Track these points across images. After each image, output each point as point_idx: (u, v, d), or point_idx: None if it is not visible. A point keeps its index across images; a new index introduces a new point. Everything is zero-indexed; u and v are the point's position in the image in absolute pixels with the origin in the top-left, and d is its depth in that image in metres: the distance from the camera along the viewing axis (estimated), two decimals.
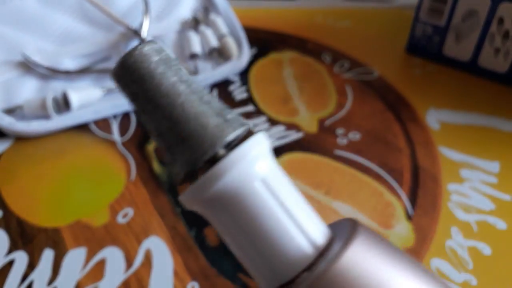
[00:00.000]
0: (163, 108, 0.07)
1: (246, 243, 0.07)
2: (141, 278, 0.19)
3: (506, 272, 0.19)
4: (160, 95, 0.06)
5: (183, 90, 0.07)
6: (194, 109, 0.06)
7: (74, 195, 0.22)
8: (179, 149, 0.07)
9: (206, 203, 0.07)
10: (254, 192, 0.07)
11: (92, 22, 0.30)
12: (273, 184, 0.07)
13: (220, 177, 0.07)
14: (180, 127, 0.07)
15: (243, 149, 0.07)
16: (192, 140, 0.07)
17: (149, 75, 0.06)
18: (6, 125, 0.25)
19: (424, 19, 0.31)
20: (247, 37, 0.32)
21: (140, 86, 0.06)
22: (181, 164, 0.07)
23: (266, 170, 0.07)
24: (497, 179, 0.23)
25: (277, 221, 0.07)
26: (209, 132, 0.07)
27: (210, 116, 0.07)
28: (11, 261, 0.19)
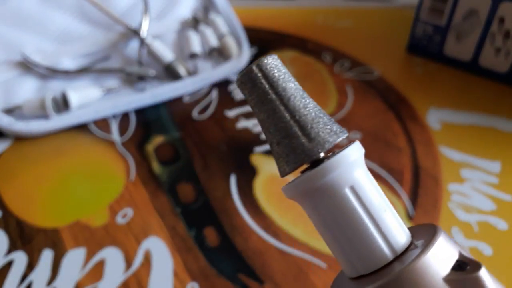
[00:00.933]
0: (290, 113, 0.08)
1: (334, 235, 0.09)
2: (140, 278, 0.19)
3: (507, 272, 0.19)
4: (294, 100, 0.08)
5: (304, 100, 0.08)
6: (310, 117, 0.08)
7: (74, 195, 0.22)
8: (302, 142, 0.08)
9: (306, 195, 0.09)
10: (345, 198, 0.08)
11: (91, 22, 0.30)
12: (360, 192, 0.09)
13: (321, 177, 0.08)
14: (298, 130, 0.08)
15: (342, 155, 0.08)
16: (317, 137, 0.08)
17: (286, 83, 0.08)
18: (5, 125, 0.25)
19: (425, 19, 0.31)
20: (247, 36, 0.32)
21: (277, 91, 0.08)
22: (293, 160, 0.08)
23: (357, 178, 0.09)
24: (498, 179, 0.23)
25: (362, 225, 0.08)
26: (321, 137, 0.08)
27: (322, 124, 0.08)
28: (10, 261, 0.19)
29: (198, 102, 0.29)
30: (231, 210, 0.22)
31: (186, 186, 0.23)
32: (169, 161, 0.24)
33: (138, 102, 0.27)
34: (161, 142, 0.26)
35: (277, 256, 0.20)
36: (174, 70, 0.29)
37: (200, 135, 0.26)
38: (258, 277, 0.19)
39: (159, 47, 0.29)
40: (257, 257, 0.19)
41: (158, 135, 0.26)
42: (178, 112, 0.28)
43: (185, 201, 0.22)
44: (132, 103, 0.27)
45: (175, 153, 0.25)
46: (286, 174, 0.09)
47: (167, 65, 0.29)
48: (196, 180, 0.23)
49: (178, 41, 0.31)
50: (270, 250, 0.20)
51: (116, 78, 0.29)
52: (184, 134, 0.26)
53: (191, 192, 0.23)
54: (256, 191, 0.23)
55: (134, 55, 0.30)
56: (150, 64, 0.29)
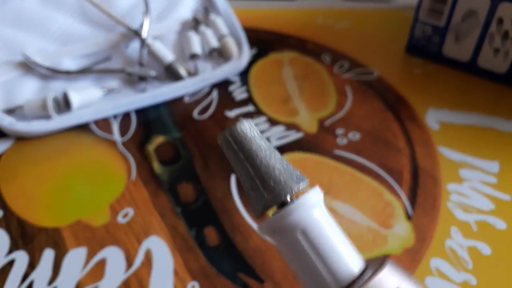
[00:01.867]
0: (254, 170, 0.11)
1: (293, 267, 0.11)
2: (141, 277, 0.19)
3: (505, 272, 0.19)
4: (257, 159, 0.11)
5: (270, 157, 0.11)
6: (270, 173, 0.10)
7: (75, 195, 0.22)
8: (263, 194, 0.10)
9: (269, 235, 0.11)
10: (296, 240, 0.10)
11: (92, 23, 0.30)
12: (311, 234, 0.10)
13: (291, 214, 0.10)
14: (266, 180, 0.10)
15: (295, 205, 0.10)
16: (274, 190, 0.10)
17: (251, 146, 0.11)
18: (6, 125, 0.25)
19: (424, 20, 0.31)
20: (247, 37, 0.32)
21: (244, 152, 0.11)
22: (262, 204, 0.11)
23: (308, 222, 0.10)
24: (497, 179, 0.23)
25: (311, 263, 0.10)
26: (277, 191, 0.10)
27: (281, 177, 0.10)
28: (11, 261, 0.19)
29: (198, 102, 0.29)
30: (232, 210, 0.22)
31: (186, 186, 0.23)
32: (170, 161, 0.24)
33: (139, 103, 0.28)
34: (162, 142, 0.26)
35: (277, 256, 0.20)
36: (174, 70, 0.29)
37: (200, 135, 0.26)
38: (258, 276, 0.19)
39: (159, 47, 0.29)
40: (257, 257, 0.20)
41: (158, 135, 0.26)
42: (178, 112, 0.28)
43: (185, 201, 0.22)
44: (133, 104, 0.27)
45: (175, 153, 0.25)
46: (256, 217, 0.11)
47: (168, 65, 0.29)
48: (197, 180, 0.23)
49: (179, 41, 0.31)
50: (270, 249, 0.20)
51: (117, 78, 0.29)
52: (184, 134, 0.26)
53: (192, 192, 0.23)
54: None
55: (135, 56, 0.30)
56: (151, 65, 0.29)
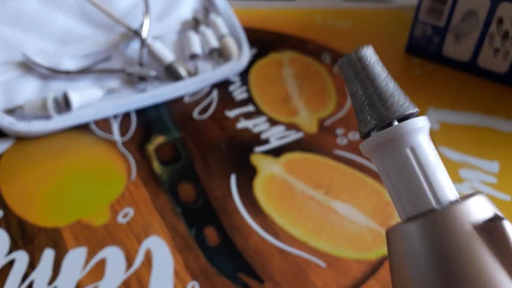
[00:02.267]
0: (374, 88, 0.12)
1: (394, 182, 0.11)
2: (141, 277, 0.19)
3: None
4: (379, 78, 0.12)
5: (387, 80, 0.12)
6: (389, 92, 0.11)
7: (75, 195, 0.22)
8: (379, 109, 0.11)
9: (375, 150, 0.11)
10: (405, 155, 0.11)
11: (92, 23, 0.30)
12: (419, 152, 0.11)
13: (388, 136, 0.11)
14: (384, 97, 0.11)
15: (407, 123, 0.11)
16: (391, 106, 0.11)
17: (374, 67, 0.12)
18: (6, 125, 0.25)
19: (424, 20, 0.31)
20: (247, 37, 0.32)
21: (367, 71, 0.12)
22: (377, 119, 0.11)
23: (418, 141, 0.11)
24: (497, 179, 0.23)
25: (416, 177, 0.11)
26: (393, 108, 0.11)
27: (397, 99, 0.11)
28: (11, 261, 0.19)
29: (198, 102, 0.29)
30: (231, 210, 0.22)
31: (186, 186, 0.23)
32: (170, 161, 0.24)
33: (139, 103, 0.28)
34: (162, 142, 0.26)
35: (277, 255, 0.20)
36: (174, 70, 0.29)
37: (200, 135, 0.26)
38: (258, 276, 0.19)
39: (159, 47, 0.29)
40: (257, 256, 0.20)
41: (158, 135, 0.26)
42: (178, 112, 0.28)
43: (185, 201, 0.22)
44: (133, 104, 0.27)
45: (175, 153, 0.25)
46: (364, 133, 0.12)
47: (168, 65, 0.29)
48: (197, 180, 0.23)
49: (179, 42, 0.31)
50: (270, 249, 0.20)
51: (117, 78, 0.29)
52: (184, 134, 0.26)
53: (192, 192, 0.23)
54: (256, 190, 0.23)
55: (135, 56, 0.30)
56: (151, 65, 0.29)
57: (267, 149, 0.25)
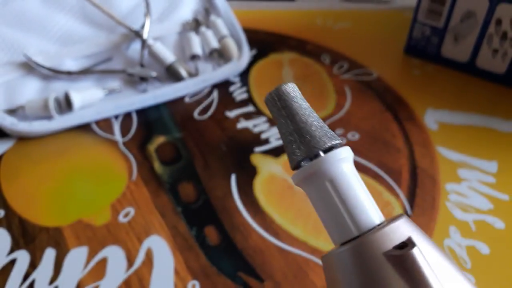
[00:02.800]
0: (294, 126, 0.12)
1: (320, 211, 0.12)
2: (142, 277, 0.19)
3: (504, 271, 0.19)
4: (297, 116, 0.12)
5: (309, 115, 0.12)
6: (308, 128, 0.12)
7: (76, 195, 0.23)
8: (300, 146, 0.12)
9: (301, 182, 0.12)
10: (325, 188, 0.12)
11: (93, 24, 0.30)
12: (339, 184, 0.12)
13: (322, 165, 0.11)
14: (303, 134, 0.12)
15: (331, 156, 0.11)
16: (309, 143, 0.12)
17: (292, 104, 0.12)
18: (8, 125, 0.25)
19: (423, 20, 0.31)
20: (247, 38, 0.32)
21: (286, 109, 0.12)
22: (298, 156, 0.12)
23: (348, 168, 0.12)
24: (495, 179, 0.24)
25: (335, 208, 0.12)
26: (312, 144, 0.12)
27: (317, 133, 0.12)
28: (13, 260, 0.20)
29: (199, 103, 0.29)
30: (232, 209, 0.22)
31: (187, 186, 0.23)
32: (171, 161, 0.25)
33: (140, 103, 0.28)
34: (163, 142, 0.26)
35: (277, 255, 0.20)
36: (175, 71, 0.29)
37: (201, 135, 0.26)
38: (258, 275, 0.19)
39: (160, 48, 0.29)
40: (257, 256, 0.20)
41: (159, 135, 0.26)
42: (179, 112, 0.28)
43: (186, 201, 0.22)
44: (134, 104, 0.28)
45: (176, 153, 0.25)
46: (292, 168, 0.12)
47: (169, 66, 0.29)
48: (197, 179, 0.23)
49: (179, 42, 0.32)
50: (270, 248, 0.20)
51: (118, 79, 0.29)
52: (185, 134, 0.26)
53: (192, 192, 0.23)
54: (256, 190, 0.23)
55: (136, 57, 0.30)
56: (152, 66, 0.30)
57: (267, 149, 0.25)
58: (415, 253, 0.10)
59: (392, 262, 0.10)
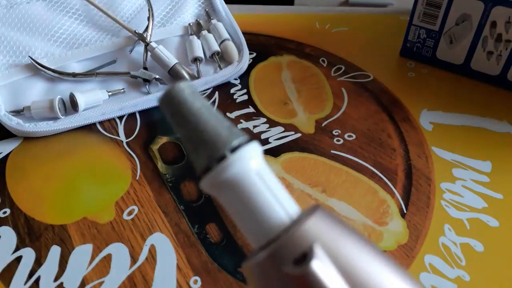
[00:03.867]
0: (192, 131, 0.11)
1: (243, 214, 0.11)
2: (145, 273, 0.19)
3: (498, 268, 0.20)
4: (189, 124, 0.11)
5: (206, 116, 0.11)
6: (209, 130, 0.10)
7: (81, 193, 0.23)
8: (202, 151, 0.10)
9: (217, 186, 0.11)
10: (250, 180, 0.10)
11: (98, 27, 0.31)
12: (263, 175, 0.11)
13: (226, 169, 0.10)
14: (200, 142, 0.10)
15: (242, 152, 0.10)
16: (212, 145, 0.10)
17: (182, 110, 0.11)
18: (14, 125, 0.26)
19: (418, 24, 0.32)
20: (247, 41, 0.33)
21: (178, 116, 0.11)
22: (203, 161, 0.11)
23: (259, 165, 0.11)
24: (489, 178, 0.24)
25: (265, 199, 0.10)
26: (222, 140, 0.10)
27: (223, 129, 0.10)
28: (18, 257, 0.20)
29: None
30: None
31: (189, 185, 0.24)
32: (173, 160, 0.25)
33: (143, 104, 0.28)
34: (166, 142, 0.26)
35: None
36: (177, 73, 0.30)
37: None
38: None
39: (163, 51, 0.30)
40: None
41: (162, 136, 0.27)
42: None
43: (188, 199, 0.23)
44: (137, 105, 0.28)
45: (179, 153, 0.26)
46: (198, 176, 0.11)
47: (171, 68, 0.30)
48: (199, 178, 0.24)
49: (182, 46, 0.32)
50: None
51: (122, 81, 0.30)
52: None
53: (194, 190, 0.23)
54: None
55: (139, 59, 0.31)
56: (155, 68, 0.30)
57: (267, 149, 0.26)
58: (315, 267, 0.09)
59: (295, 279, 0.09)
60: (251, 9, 0.39)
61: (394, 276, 0.09)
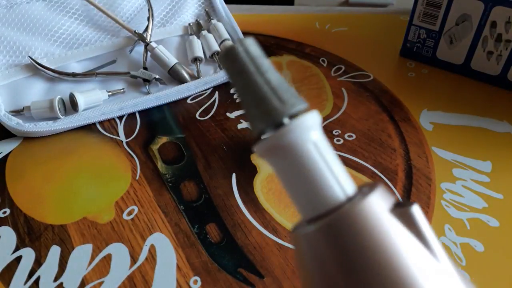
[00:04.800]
0: (266, 82, 0.10)
1: (297, 184, 0.11)
2: (145, 273, 0.19)
3: (498, 269, 0.20)
4: (268, 72, 0.10)
5: (276, 74, 0.10)
6: (282, 86, 0.10)
7: (81, 193, 0.23)
8: (263, 112, 0.10)
9: (273, 152, 0.10)
10: (308, 150, 0.10)
11: (98, 27, 0.31)
12: (321, 147, 0.10)
13: (285, 136, 0.10)
14: (278, 92, 0.10)
15: (306, 119, 0.10)
16: (288, 101, 0.10)
17: (263, 60, 0.10)
18: (14, 125, 0.26)
19: (418, 24, 0.32)
20: None
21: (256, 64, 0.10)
22: (261, 123, 0.10)
23: (318, 136, 0.11)
24: (490, 178, 0.24)
25: (321, 172, 0.10)
26: (289, 102, 0.10)
27: (290, 93, 0.10)
28: (18, 257, 0.20)
29: (201, 104, 0.30)
30: (233, 207, 0.22)
31: (189, 185, 0.24)
32: (173, 160, 0.25)
33: (143, 104, 0.28)
34: (165, 142, 0.26)
35: (276, 251, 0.20)
36: (177, 73, 0.30)
37: (203, 135, 0.27)
38: (258, 272, 0.19)
39: (163, 51, 0.30)
40: (258, 252, 0.20)
41: (162, 136, 0.27)
42: (181, 113, 0.29)
43: (188, 199, 0.23)
44: (137, 105, 0.28)
45: (178, 153, 0.26)
46: (257, 133, 0.11)
47: (171, 69, 0.30)
48: (199, 178, 0.24)
49: (182, 45, 0.32)
50: (270, 245, 0.21)
51: (122, 81, 0.30)
52: (187, 134, 0.27)
53: (194, 190, 0.23)
54: (256, 189, 0.23)
55: (139, 59, 0.31)
56: (155, 68, 0.30)
57: None
58: (415, 209, 0.10)
59: (401, 219, 0.10)
60: (251, 9, 0.39)
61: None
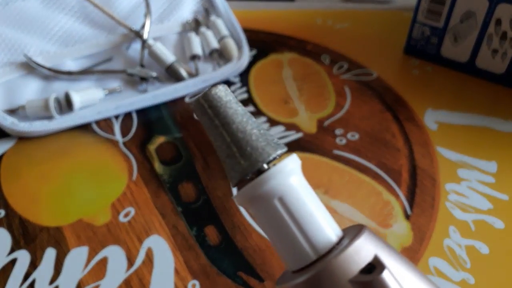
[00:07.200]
0: (230, 137, 0.10)
1: (270, 237, 0.11)
2: (142, 276, 0.19)
3: (503, 271, 0.19)
4: (233, 125, 0.10)
5: (247, 123, 0.10)
6: (247, 139, 0.10)
7: (76, 195, 0.23)
8: (239, 161, 0.10)
9: (247, 203, 0.10)
10: (274, 207, 0.10)
11: (94, 24, 0.30)
12: (288, 202, 0.10)
13: (254, 190, 0.10)
14: (243, 146, 0.10)
15: (272, 171, 0.10)
16: (251, 156, 0.10)
17: (227, 111, 0.10)
18: (8, 125, 0.25)
19: (422, 21, 0.32)
20: (247, 38, 0.32)
21: (220, 118, 0.10)
22: (239, 172, 0.10)
23: (286, 189, 0.10)
24: (495, 179, 0.24)
25: (288, 229, 0.10)
26: (254, 157, 0.10)
27: (258, 143, 0.10)
28: (13, 260, 0.20)
29: None
30: (232, 209, 0.22)
31: (187, 186, 0.23)
32: (171, 161, 0.25)
33: (140, 103, 0.28)
34: (163, 142, 0.26)
35: (276, 254, 0.20)
36: (175, 71, 0.29)
37: (201, 135, 0.26)
38: (258, 275, 0.19)
39: (160, 49, 0.29)
40: (258, 255, 0.20)
41: (159, 135, 0.26)
42: (179, 112, 0.28)
43: (186, 200, 0.22)
44: (134, 104, 0.28)
45: (176, 153, 0.25)
46: (233, 185, 0.11)
47: (169, 66, 0.29)
48: (197, 179, 0.24)
49: (180, 43, 0.32)
50: (270, 248, 0.20)
51: (118, 79, 0.29)
52: (185, 134, 0.27)
53: (192, 192, 0.23)
54: None
55: (136, 57, 0.30)
56: (152, 66, 0.30)
57: None
58: (385, 277, 0.09)
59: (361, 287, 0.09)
60: (251, 5, 0.39)
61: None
